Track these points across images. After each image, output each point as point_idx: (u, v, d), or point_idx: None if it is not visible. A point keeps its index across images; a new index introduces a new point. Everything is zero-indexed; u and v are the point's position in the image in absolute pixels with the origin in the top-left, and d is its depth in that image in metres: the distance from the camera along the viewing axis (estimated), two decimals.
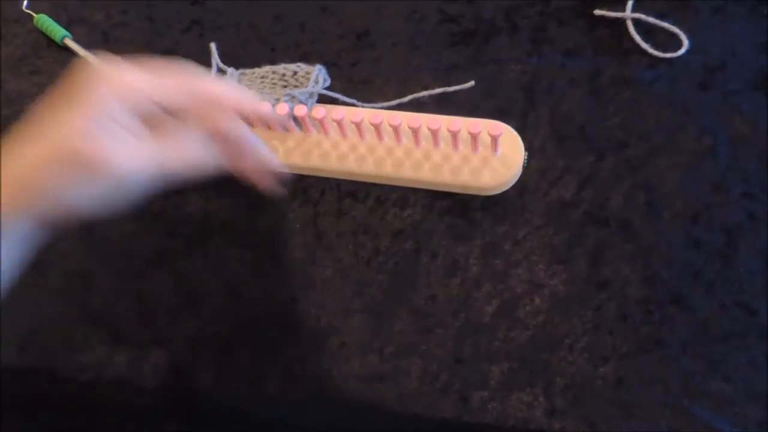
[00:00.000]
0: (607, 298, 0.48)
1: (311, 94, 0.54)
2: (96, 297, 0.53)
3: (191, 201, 0.56)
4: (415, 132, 0.50)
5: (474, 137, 0.49)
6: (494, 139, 0.49)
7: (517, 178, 0.52)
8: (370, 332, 0.49)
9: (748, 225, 0.49)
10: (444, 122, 0.49)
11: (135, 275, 0.54)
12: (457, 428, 0.47)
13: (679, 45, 0.55)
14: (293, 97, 0.54)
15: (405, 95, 0.55)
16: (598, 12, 0.58)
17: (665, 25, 0.56)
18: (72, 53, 0.63)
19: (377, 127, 0.51)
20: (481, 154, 0.51)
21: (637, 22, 0.56)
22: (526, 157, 0.51)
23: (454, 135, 0.50)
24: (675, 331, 0.47)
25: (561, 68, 0.57)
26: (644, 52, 0.56)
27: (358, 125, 0.51)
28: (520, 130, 0.55)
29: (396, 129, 0.50)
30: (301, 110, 0.51)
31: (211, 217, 0.55)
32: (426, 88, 0.56)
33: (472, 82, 0.55)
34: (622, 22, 0.57)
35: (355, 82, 0.58)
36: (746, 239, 0.49)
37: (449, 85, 0.55)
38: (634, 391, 0.46)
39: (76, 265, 0.55)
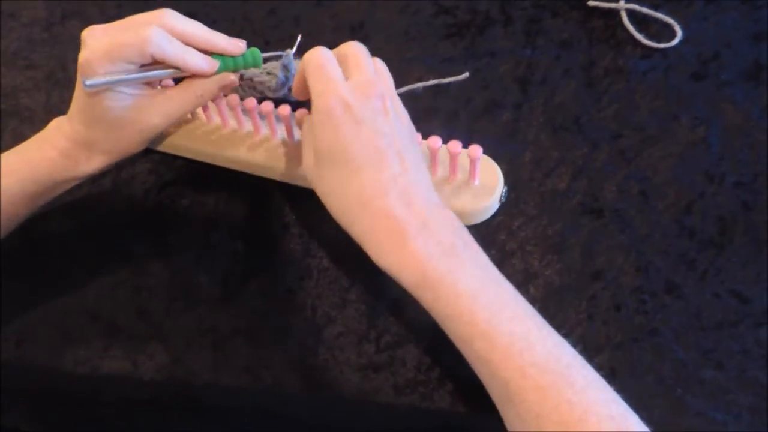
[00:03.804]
0: (601, 288, 0.49)
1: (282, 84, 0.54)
2: (92, 290, 0.54)
3: (187, 194, 0.56)
4: None
5: (453, 158, 0.48)
6: (473, 164, 0.48)
7: (492, 210, 0.50)
8: (367, 322, 0.49)
9: (742, 214, 0.49)
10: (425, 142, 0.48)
11: (131, 268, 0.54)
12: (453, 418, 0.48)
13: (673, 35, 0.55)
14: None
15: (399, 87, 0.55)
16: (591, 3, 0.58)
17: (659, 15, 0.56)
18: (65, 47, 0.63)
19: None
20: (458, 179, 0.50)
21: (630, 13, 0.57)
22: (504, 192, 0.50)
23: (434, 155, 0.48)
24: (668, 320, 0.47)
25: (555, 59, 0.57)
26: (638, 43, 0.56)
27: None
28: (515, 122, 0.55)
29: None
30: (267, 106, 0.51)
31: (206, 210, 0.55)
32: (420, 80, 0.56)
33: (467, 74, 0.55)
34: (616, 12, 0.57)
35: None
36: (739, 228, 0.49)
37: (444, 78, 0.55)
38: (627, 381, 0.46)
39: (73, 258, 0.55)
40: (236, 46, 0.48)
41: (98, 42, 0.44)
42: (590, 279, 0.49)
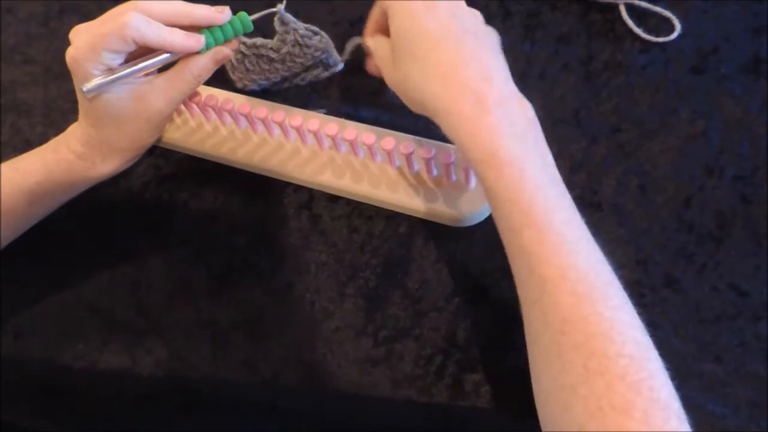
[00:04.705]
0: None
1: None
2: (91, 284, 0.54)
3: (185, 188, 0.56)
4: (390, 153, 0.50)
5: (447, 167, 0.48)
6: (466, 172, 0.48)
7: (485, 213, 0.50)
8: (364, 316, 0.49)
9: (741, 208, 0.49)
10: (419, 148, 0.48)
11: (130, 262, 0.54)
12: (450, 411, 0.48)
13: (672, 29, 0.55)
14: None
15: None
16: None
17: (658, 9, 0.56)
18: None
19: (360, 145, 0.51)
20: (454, 182, 0.50)
21: (629, 7, 0.56)
22: None
23: (428, 160, 0.48)
24: (667, 313, 0.47)
25: (554, 54, 0.57)
26: (637, 37, 0.56)
27: (333, 138, 0.51)
28: None
29: (370, 148, 0.50)
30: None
31: (205, 204, 0.55)
32: None
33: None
34: (615, 6, 0.57)
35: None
36: (738, 222, 0.49)
37: None
38: None
39: (72, 252, 0.55)
40: (219, 13, 0.47)
41: (81, 38, 0.44)
42: None
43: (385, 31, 0.46)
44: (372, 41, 0.47)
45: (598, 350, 0.35)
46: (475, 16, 0.44)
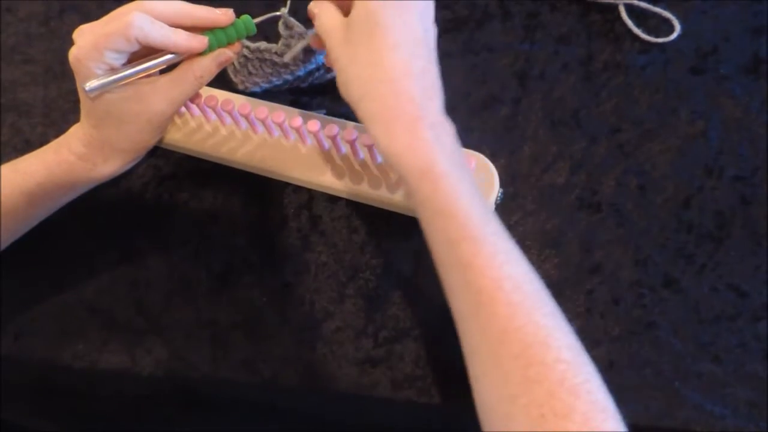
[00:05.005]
0: (599, 282, 0.49)
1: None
2: (91, 285, 0.54)
3: (185, 188, 0.56)
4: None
5: None
6: None
7: None
8: (364, 317, 0.49)
9: (740, 208, 0.49)
10: None
11: (129, 262, 0.54)
12: (450, 412, 0.48)
13: (672, 30, 0.55)
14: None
15: None
16: None
17: (658, 10, 0.56)
18: (63, 42, 0.63)
19: (360, 146, 0.51)
20: None
21: (629, 7, 0.57)
22: (500, 195, 0.50)
23: None
24: (666, 313, 0.47)
25: (554, 54, 0.57)
26: (637, 37, 0.56)
27: (333, 139, 0.51)
28: (513, 116, 0.55)
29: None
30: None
31: (205, 204, 0.55)
32: None
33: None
34: (614, 7, 0.57)
35: None
36: (738, 222, 0.49)
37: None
38: (625, 374, 0.46)
39: (72, 252, 0.55)
40: (224, 15, 0.47)
41: (84, 38, 0.44)
42: (588, 273, 0.49)
43: (343, 5, 0.44)
44: (318, 8, 0.45)
45: (536, 358, 0.35)
46: (433, 23, 0.43)
